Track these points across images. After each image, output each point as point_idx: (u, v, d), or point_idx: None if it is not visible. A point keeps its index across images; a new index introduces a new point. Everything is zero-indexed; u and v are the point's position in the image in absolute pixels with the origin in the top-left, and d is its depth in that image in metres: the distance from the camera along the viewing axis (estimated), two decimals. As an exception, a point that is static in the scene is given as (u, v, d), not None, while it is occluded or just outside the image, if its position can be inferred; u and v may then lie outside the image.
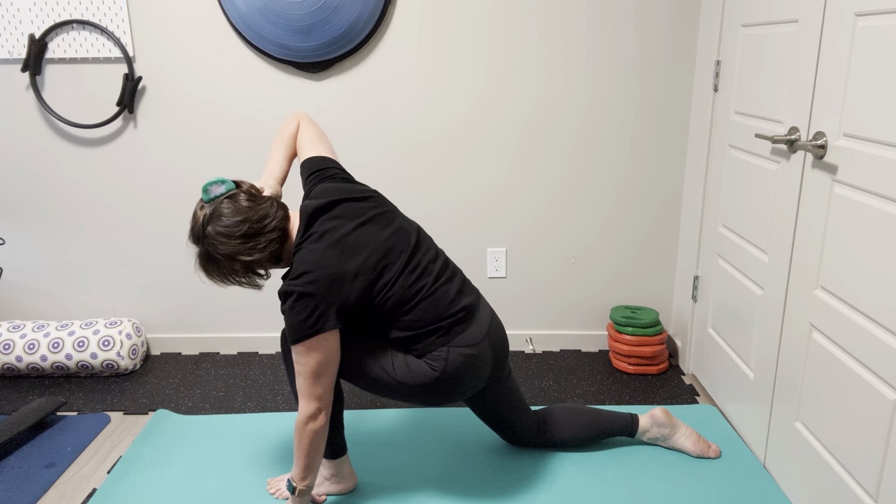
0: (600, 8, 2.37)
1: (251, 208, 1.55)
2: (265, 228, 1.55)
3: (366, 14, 2.32)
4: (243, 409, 2.29)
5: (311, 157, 1.74)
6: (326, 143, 1.79)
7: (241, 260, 1.55)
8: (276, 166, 1.76)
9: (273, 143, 1.80)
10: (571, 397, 2.34)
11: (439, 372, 1.61)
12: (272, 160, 1.77)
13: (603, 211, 2.59)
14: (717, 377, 2.25)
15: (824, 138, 1.58)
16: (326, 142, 1.80)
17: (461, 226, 2.61)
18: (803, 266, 1.68)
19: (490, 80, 2.44)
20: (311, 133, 1.80)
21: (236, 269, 1.57)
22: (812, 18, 1.63)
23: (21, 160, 2.55)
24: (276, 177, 1.74)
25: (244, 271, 1.58)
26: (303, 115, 1.84)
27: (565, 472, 1.89)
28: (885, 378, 1.38)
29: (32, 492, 1.86)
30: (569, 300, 2.70)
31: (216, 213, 1.53)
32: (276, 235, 1.57)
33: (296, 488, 1.62)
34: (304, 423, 1.56)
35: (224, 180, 1.57)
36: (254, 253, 1.55)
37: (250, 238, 1.54)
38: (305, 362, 1.52)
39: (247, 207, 1.54)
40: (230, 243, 1.53)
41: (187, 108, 2.49)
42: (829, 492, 1.58)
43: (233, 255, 1.54)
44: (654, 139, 2.50)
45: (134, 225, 2.61)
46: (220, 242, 1.53)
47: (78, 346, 2.46)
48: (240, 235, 1.53)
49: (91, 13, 2.37)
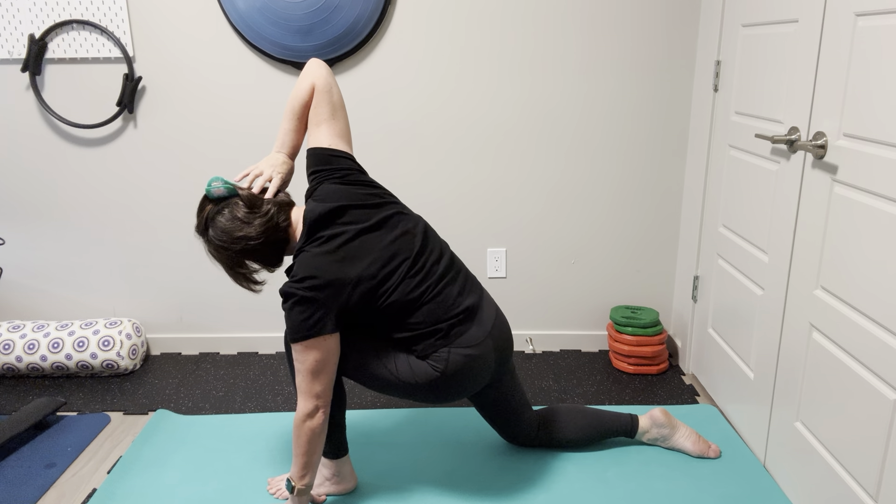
0: (601, 8, 2.37)
1: (248, 223, 1.57)
2: (261, 244, 1.59)
3: (366, 14, 2.32)
4: (243, 409, 2.29)
5: (319, 147, 1.66)
6: (341, 122, 1.69)
7: (238, 272, 1.65)
8: (287, 138, 1.71)
9: (286, 107, 1.71)
10: (571, 397, 2.34)
11: (440, 372, 1.61)
12: (283, 129, 1.72)
13: (603, 211, 2.59)
14: (717, 377, 2.25)
15: (824, 138, 1.58)
16: (342, 118, 1.70)
17: (461, 226, 2.61)
18: (803, 266, 1.68)
19: (490, 79, 2.44)
20: (326, 108, 1.68)
21: (236, 273, 1.66)
22: (812, 18, 1.63)
23: (21, 160, 2.55)
24: (287, 149, 1.72)
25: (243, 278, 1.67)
26: (319, 74, 1.69)
27: (565, 472, 1.89)
28: (885, 378, 1.38)
29: (32, 492, 1.86)
30: (569, 300, 2.70)
31: (215, 222, 1.59)
32: (272, 249, 1.62)
33: (295, 487, 1.62)
34: (302, 421, 1.56)
35: (226, 184, 1.58)
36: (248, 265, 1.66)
37: (246, 253, 1.61)
38: (304, 360, 1.53)
39: (243, 222, 1.57)
40: (227, 254, 1.61)
41: (187, 108, 2.49)
42: (829, 492, 1.58)
43: (230, 265, 1.64)
44: (654, 139, 2.50)
45: (134, 225, 2.61)
46: (218, 252, 1.62)
47: (78, 347, 2.46)
48: (237, 251, 1.60)
49: (91, 13, 2.37)
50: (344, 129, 1.70)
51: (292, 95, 1.70)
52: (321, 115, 1.68)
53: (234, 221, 1.57)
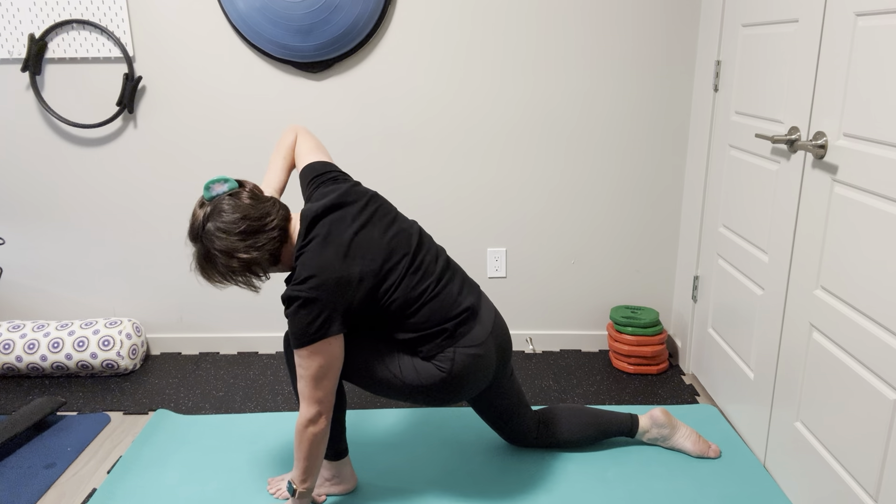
0: (601, 8, 2.37)
1: (253, 206, 1.54)
2: (266, 226, 1.54)
3: (366, 14, 2.32)
4: (243, 409, 2.29)
5: (309, 163, 1.75)
6: (324, 152, 1.81)
7: (240, 257, 1.52)
8: (274, 176, 1.79)
9: (272, 156, 1.83)
10: (571, 397, 2.34)
11: (446, 373, 1.61)
12: (270, 170, 1.80)
13: (603, 211, 2.59)
14: (717, 377, 2.25)
15: (824, 138, 1.58)
16: (324, 151, 1.82)
17: (461, 226, 2.61)
18: (803, 266, 1.68)
19: (490, 79, 2.44)
20: (309, 143, 1.82)
21: (234, 268, 1.54)
22: (812, 18, 1.63)
23: (21, 160, 2.55)
24: (274, 187, 1.77)
25: (242, 270, 1.55)
26: (300, 127, 1.87)
27: (565, 472, 1.89)
28: (885, 378, 1.38)
29: (32, 492, 1.86)
30: (569, 300, 2.70)
31: (217, 210, 1.52)
32: (277, 234, 1.55)
33: (296, 490, 1.62)
34: (304, 427, 1.56)
35: (227, 179, 1.56)
36: (252, 251, 1.52)
37: (250, 235, 1.52)
38: (308, 366, 1.52)
39: (249, 205, 1.54)
40: (229, 239, 1.51)
41: (187, 107, 2.48)
42: (829, 492, 1.58)
43: (231, 251, 1.51)
44: (654, 139, 2.50)
45: (134, 224, 2.61)
46: (218, 238, 1.51)
47: (78, 346, 2.46)
48: (239, 232, 1.51)
49: (91, 13, 2.37)
50: (329, 158, 1.81)
51: (277, 145, 1.85)
52: (307, 147, 1.81)
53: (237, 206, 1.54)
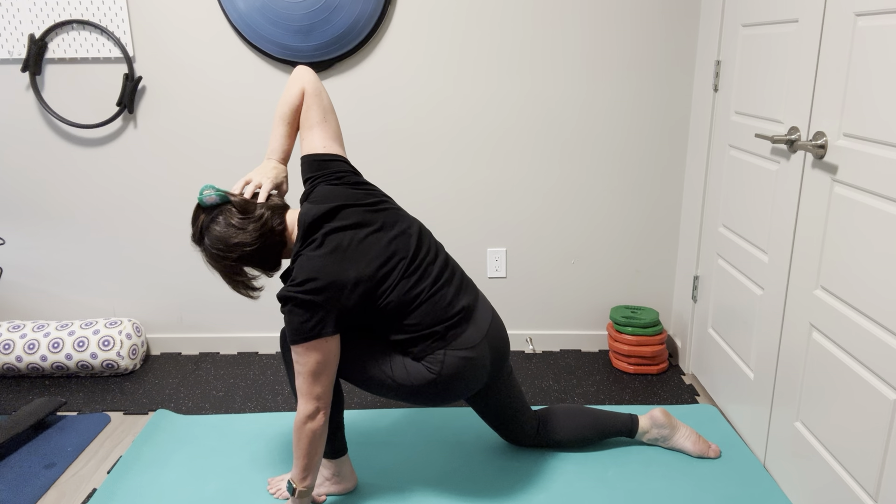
0: (601, 8, 2.37)
1: (242, 229, 1.56)
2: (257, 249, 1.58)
3: (366, 14, 2.32)
4: (243, 409, 2.29)
5: (313, 153, 1.68)
6: (332, 125, 1.71)
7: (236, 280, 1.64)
8: (279, 143, 1.73)
9: (276, 112, 1.73)
10: (571, 397, 2.34)
11: (436, 374, 1.61)
12: (274, 135, 1.73)
13: (603, 211, 2.59)
14: (717, 377, 2.25)
15: (824, 138, 1.58)
16: (333, 122, 1.71)
17: (461, 226, 2.61)
18: (803, 266, 1.68)
19: (490, 79, 2.44)
20: (317, 112, 1.69)
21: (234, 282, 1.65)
22: (812, 18, 1.63)
23: (21, 160, 2.55)
24: (279, 155, 1.73)
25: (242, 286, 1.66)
26: (307, 79, 1.71)
27: (565, 472, 1.89)
28: (885, 378, 1.38)
29: (32, 492, 1.86)
30: (569, 300, 2.70)
31: (210, 231, 1.58)
32: (269, 253, 1.61)
33: (296, 489, 1.62)
34: (302, 423, 1.56)
35: (217, 192, 1.58)
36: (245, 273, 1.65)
37: (243, 260, 1.59)
38: (305, 362, 1.53)
39: (237, 228, 1.56)
40: (224, 262, 1.59)
41: (187, 108, 2.49)
42: (829, 492, 1.58)
43: (228, 273, 1.62)
44: (654, 139, 2.50)
45: (134, 225, 2.61)
46: (215, 259, 1.60)
47: (78, 346, 2.46)
48: (235, 258, 1.58)
49: (91, 13, 2.37)
50: (336, 131, 1.72)
51: (282, 101, 1.72)
52: (313, 119, 1.69)
53: (229, 228, 1.56)
